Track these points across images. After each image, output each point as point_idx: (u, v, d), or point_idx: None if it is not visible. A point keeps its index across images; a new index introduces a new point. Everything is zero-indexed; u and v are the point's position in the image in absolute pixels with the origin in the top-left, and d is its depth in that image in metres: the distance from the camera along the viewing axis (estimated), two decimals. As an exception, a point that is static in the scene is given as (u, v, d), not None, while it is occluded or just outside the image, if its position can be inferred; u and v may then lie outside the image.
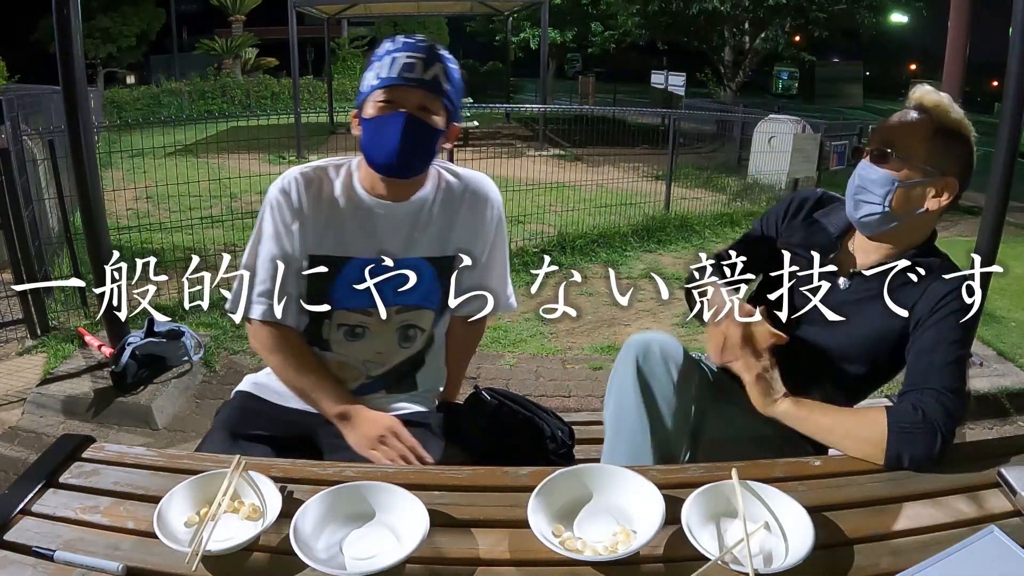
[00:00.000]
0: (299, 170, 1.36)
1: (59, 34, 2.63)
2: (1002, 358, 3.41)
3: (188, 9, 27.12)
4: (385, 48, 1.29)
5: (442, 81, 1.28)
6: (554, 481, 1.01)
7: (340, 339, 1.39)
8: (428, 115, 1.27)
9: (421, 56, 1.26)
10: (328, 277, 1.34)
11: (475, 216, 1.41)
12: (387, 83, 1.25)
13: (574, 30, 18.79)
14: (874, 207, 1.27)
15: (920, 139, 1.25)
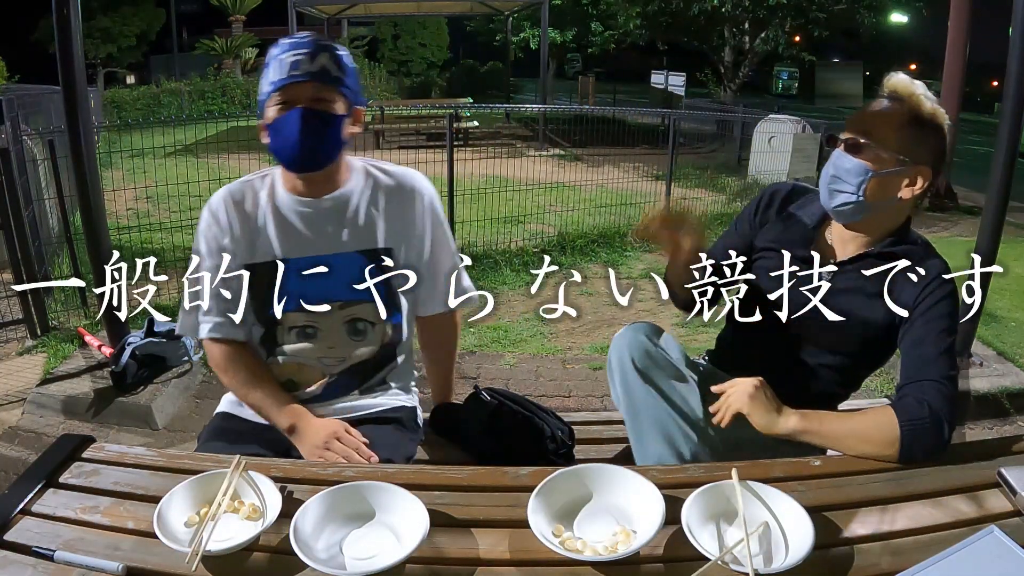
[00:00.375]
0: (226, 189, 1.41)
1: (59, 34, 2.63)
2: (1002, 358, 3.41)
3: (188, 9, 27.13)
4: (272, 53, 1.32)
5: (331, 69, 1.30)
6: (554, 481, 1.01)
7: (294, 341, 1.41)
8: (324, 104, 1.30)
9: (305, 51, 1.28)
10: (268, 283, 1.36)
11: (404, 209, 1.42)
12: (278, 85, 1.28)
13: (574, 30, 18.79)
14: (848, 196, 1.28)
15: (894, 128, 1.27)
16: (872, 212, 1.30)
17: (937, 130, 1.28)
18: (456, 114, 7.43)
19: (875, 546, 0.92)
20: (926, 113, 1.27)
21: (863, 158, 1.27)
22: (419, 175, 1.47)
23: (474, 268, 4.92)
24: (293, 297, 1.36)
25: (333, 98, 1.31)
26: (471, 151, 8.60)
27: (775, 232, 1.44)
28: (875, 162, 1.27)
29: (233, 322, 1.37)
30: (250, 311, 1.38)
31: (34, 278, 3.62)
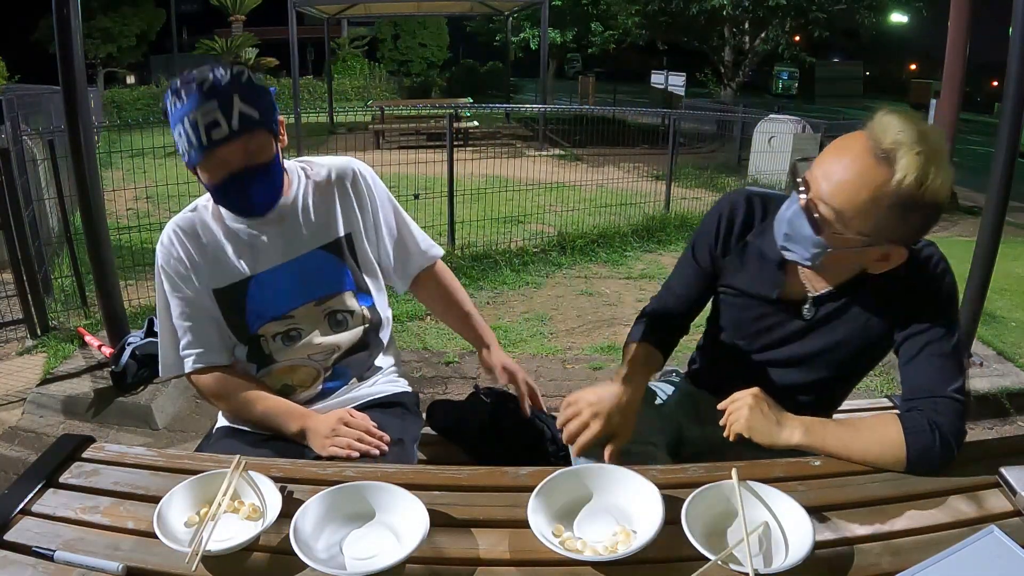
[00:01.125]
0: (174, 223, 1.39)
1: (59, 34, 2.63)
2: (1002, 358, 3.41)
3: (188, 9, 27.14)
4: (177, 109, 1.21)
5: (249, 112, 1.22)
6: (554, 481, 1.01)
7: (280, 347, 1.41)
8: (258, 155, 1.25)
9: (215, 103, 1.19)
10: (239, 302, 1.37)
11: (349, 194, 1.43)
12: (203, 153, 1.21)
13: (574, 30, 18.78)
14: (800, 259, 1.12)
15: (870, 211, 1.00)
16: (831, 271, 1.16)
17: (929, 208, 1.00)
18: (456, 114, 7.44)
19: (875, 546, 0.92)
20: (919, 192, 0.98)
21: (825, 234, 1.05)
22: (350, 159, 1.47)
23: (474, 268, 4.93)
24: (269, 308, 1.38)
25: (264, 142, 1.26)
26: (471, 151, 8.61)
27: (738, 271, 1.28)
28: (836, 241, 1.05)
29: (214, 349, 1.39)
30: (229, 333, 1.40)
31: (34, 278, 3.62)
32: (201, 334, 1.38)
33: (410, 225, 1.54)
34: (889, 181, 0.98)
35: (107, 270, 3.02)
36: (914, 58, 34.36)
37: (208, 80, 1.20)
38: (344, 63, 21.86)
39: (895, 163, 0.97)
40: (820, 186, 1.04)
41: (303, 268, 1.38)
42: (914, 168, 0.97)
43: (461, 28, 24.02)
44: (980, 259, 3.07)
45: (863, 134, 1.02)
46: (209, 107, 1.19)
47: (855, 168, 1.01)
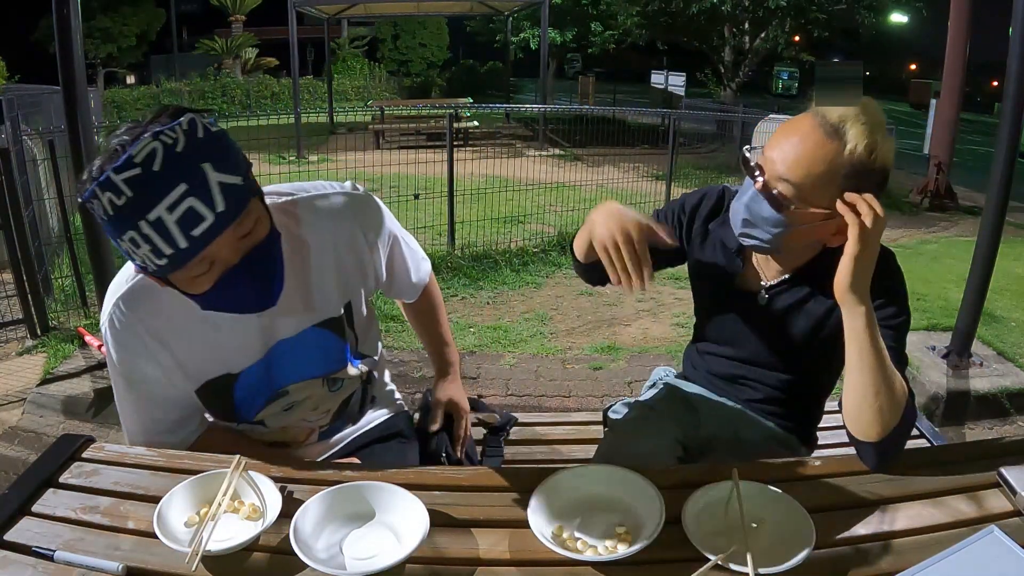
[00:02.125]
0: (119, 299, 1.06)
1: (59, 34, 2.63)
2: (1002, 358, 3.41)
3: (188, 9, 27.15)
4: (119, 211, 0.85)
5: (231, 180, 0.89)
6: (554, 481, 1.01)
7: (276, 417, 1.22)
8: (256, 234, 0.95)
9: (183, 191, 0.85)
10: (225, 397, 1.16)
11: (352, 255, 1.17)
12: (187, 258, 0.88)
13: (574, 30, 18.79)
14: (761, 244, 1.13)
15: (828, 183, 1.04)
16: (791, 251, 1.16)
17: (879, 174, 1.06)
18: (456, 114, 7.44)
19: (875, 546, 0.92)
20: (870, 160, 1.04)
21: (785, 212, 1.08)
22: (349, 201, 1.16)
23: (474, 268, 4.93)
24: (260, 395, 1.17)
25: (256, 211, 0.95)
26: (471, 151, 8.61)
27: (701, 257, 1.31)
28: (797, 218, 1.08)
29: (189, 427, 1.18)
30: (218, 418, 1.21)
31: (34, 278, 3.62)
32: (173, 423, 1.16)
33: (407, 257, 1.32)
34: (842, 152, 1.03)
35: (107, 270, 3.02)
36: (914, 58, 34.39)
37: (157, 156, 0.85)
38: (344, 63, 21.87)
39: (844, 135, 1.03)
40: (776, 167, 1.07)
41: (300, 347, 1.15)
42: (863, 137, 1.03)
43: (461, 28, 24.05)
44: (980, 259, 3.07)
45: (809, 114, 1.07)
46: (176, 195, 0.85)
47: (808, 144, 1.05)
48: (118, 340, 1.08)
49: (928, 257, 5.72)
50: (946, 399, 3.07)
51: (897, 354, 1.08)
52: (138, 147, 0.85)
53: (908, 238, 6.73)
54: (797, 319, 1.22)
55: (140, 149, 0.85)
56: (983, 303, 3.19)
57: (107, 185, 0.85)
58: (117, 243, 0.90)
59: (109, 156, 0.86)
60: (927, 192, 8.14)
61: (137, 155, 0.84)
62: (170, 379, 1.11)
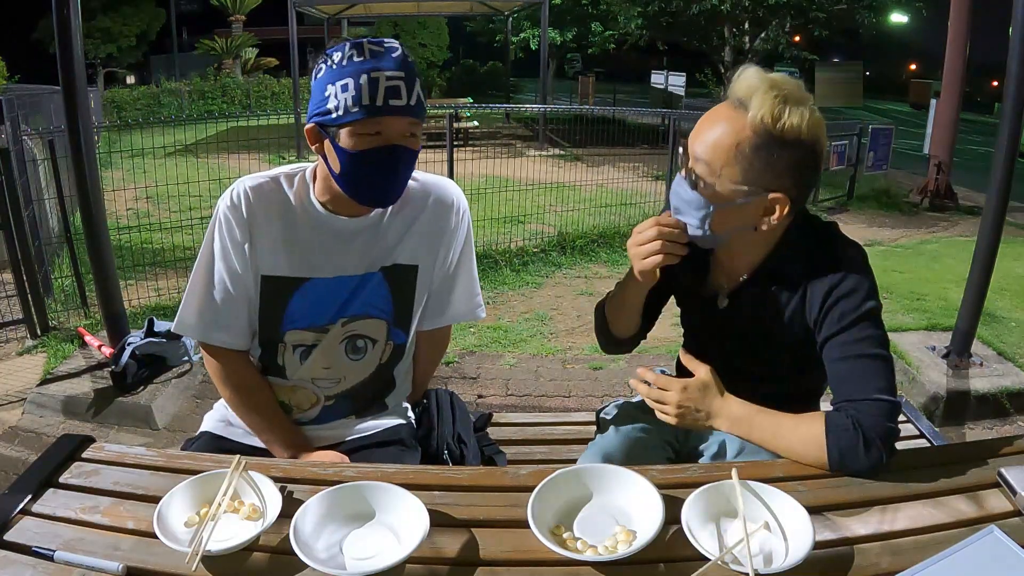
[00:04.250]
0: (248, 180, 1.26)
1: (59, 34, 2.63)
2: (1002, 358, 3.41)
3: (188, 9, 27.18)
4: (354, 63, 1.12)
5: (423, 99, 1.17)
6: (554, 481, 1.01)
7: (295, 362, 1.32)
8: (414, 140, 1.18)
9: (401, 76, 1.13)
10: (283, 299, 1.27)
11: (438, 224, 1.33)
12: (373, 113, 1.12)
13: (574, 30, 18.78)
14: (694, 229, 1.12)
15: (733, 155, 1.05)
16: (732, 240, 1.15)
17: (795, 147, 1.04)
18: (456, 114, 7.44)
19: (875, 546, 0.92)
20: (776, 129, 1.03)
21: (701, 191, 1.08)
22: (452, 186, 1.36)
23: (474, 268, 4.93)
24: (305, 316, 1.28)
25: (419, 131, 1.20)
26: (471, 151, 8.62)
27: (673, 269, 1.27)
28: (714, 196, 1.08)
29: (239, 333, 1.29)
30: (256, 326, 1.30)
31: (34, 278, 3.62)
32: (232, 314, 1.27)
33: (473, 272, 1.42)
34: (744, 124, 1.04)
35: (107, 270, 3.02)
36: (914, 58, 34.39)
37: (398, 51, 1.15)
38: (344, 63, 21.81)
39: (749, 107, 1.04)
40: (694, 148, 1.09)
41: (358, 286, 1.28)
42: (767, 107, 1.02)
43: (461, 28, 24.04)
44: (980, 259, 3.07)
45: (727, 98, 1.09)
46: (396, 74, 1.12)
47: (718, 122, 1.07)
48: (224, 216, 1.25)
49: (928, 257, 5.72)
50: (946, 399, 3.07)
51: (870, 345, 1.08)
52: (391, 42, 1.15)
53: (908, 238, 6.73)
54: (761, 321, 1.20)
55: (392, 43, 1.15)
56: (983, 303, 3.19)
57: (356, 46, 1.13)
58: (324, 88, 1.13)
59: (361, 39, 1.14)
60: (927, 192, 8.14)
61: (387, 44, 1.14)
62: (246, 272, 1.26)
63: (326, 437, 1.37)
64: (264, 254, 1.26)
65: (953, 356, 3.30)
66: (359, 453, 1.35)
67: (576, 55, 25.98)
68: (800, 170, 1.06)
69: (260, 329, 1.31)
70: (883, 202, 8.05)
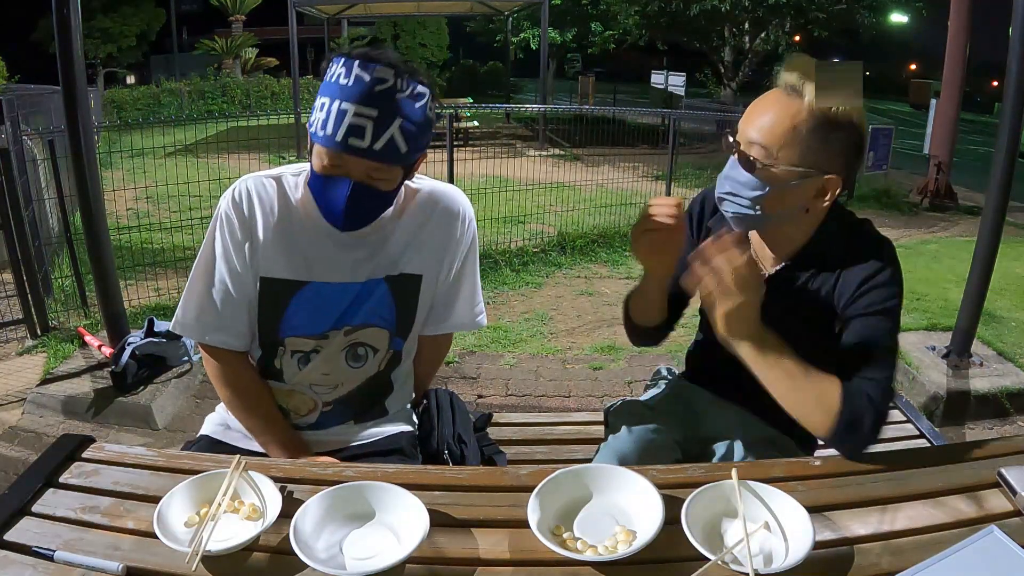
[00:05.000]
0: (251, 179, 1.25)
1: (59, 34, 2.63)
2: (1002, 358, 3.41)
3: (188, 9, 27.19)
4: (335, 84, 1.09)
5: (400, 144, 1.11)
6: (554, 481, 1.01)
7: (293, 366, 1.30)
8: (380, 183, 1.15)
9: (372, 115, 1.08)
10: (282, 302, 1.25)
11: (444, 234, 1.31)
12: (332, 146, 1.10)
13: (574, 30, 18.80)
14: (743, 209, 1.15)
15: (792, 138, 1.09)
16: (776, 223, 1.18)
17: (847, 129, 1.10)
18: (456, 114, 7.43)
19: (875, 546, 0.92)
20: (833, 116, 1.08)
21: (758, 173, 1.11)
22: (460, 195, 1.34)
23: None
24: (304, 322, 1.27)
25: (394, 175, 1.16)
26: (471, 151, 8.62)
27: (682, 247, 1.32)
28: (771, 178, 1.11)
29: (237, 334, 1.28)
30: (255, 328, 1.29)
31: (34, 278, 3.62)
32: (230, 315, 1.26)
33: (476, 280, 1.40)
34: (803, 109, 1.08)
35: (107, 270, 3.02)
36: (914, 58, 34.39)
37: (385, 83, 1.08)
38: (344, 63, 21.83)
39: (804, 92, 1.08)
40: (748, 133, 1.13)
41: (360, 293, 1.26)
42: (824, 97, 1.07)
43: (461, 28, 24.06)
44: (980, 259, 3.07)
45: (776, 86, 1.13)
46: (367, 112, 1.08)
47: (772, 107, 1.11)
48: (226, 215, 1.23)
49: (928, 257, 5.72)
50: (946, 399, 3.07)
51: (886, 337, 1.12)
52: (383, 68, 1.09)
53: (908, 238, 6.73)
54: (797, 306, 1.21)
55: (384, 69, 1.09)
56: (983, 303, 3.19)
57: (347, 64, 1.10)
58: (318, 96, 1.12)
59: (370, 54, 1.10)
60: (927, 192, 8.14)
61: (378, 72, 1.08)
62: (246, 273, 1.24)
63: (327, 443, 1.36)
64: (264, 255, 1.24)
65: (953, 356, 3.30)
66: (359, 461, 1.33)
67: (576, 55, 25.95)
68: (851, 151, 1.11)
69: (260, 331, 1.30)
70: (883, 202, 8.05)
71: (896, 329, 1.14)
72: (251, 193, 1.24)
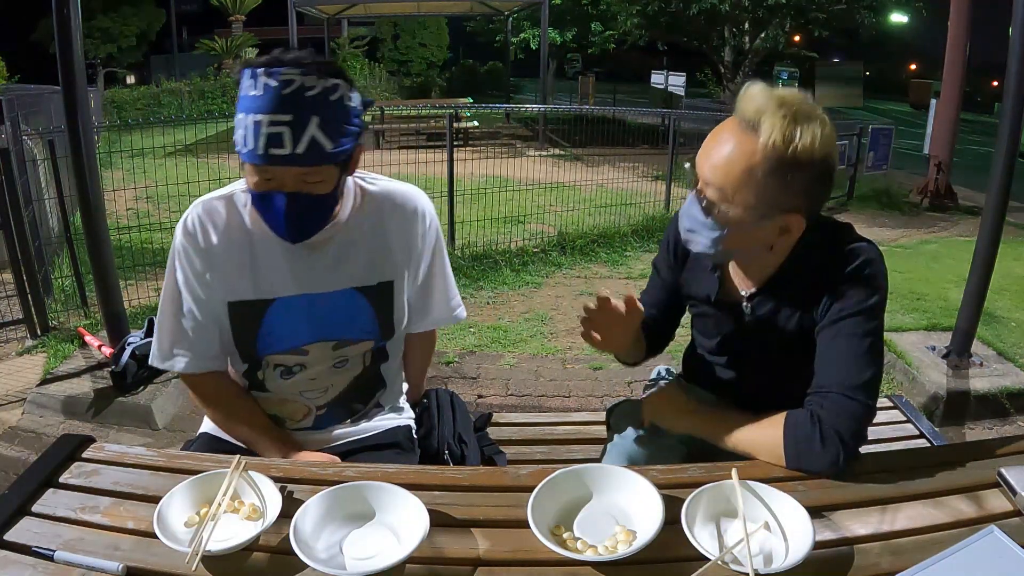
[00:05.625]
0: (201, 205, 1.22)
1: (59, 34, 2.63)
2: (1002, 358, 3.41)
3: (188, 9, 27.18)
4: (246, 98, 1.06)
5: (323, 142, 1.07)
6: (554, 481, 1.01)
7: (276, 378, 1.30)
8: (315, 187, 1.11)
9: (287, 120, 1.04)
10: (254, 322, 1.24)
11: (406, 235, 1.29)
12: (256, 161, 1.06)
13: (574, 30, 18.78)
14: (705, 249, 1.12)
15: (748, 182, 1.02)
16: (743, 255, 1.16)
17: (808, 167, 1.01)
18: (456, 114, 7.44)
19: (875, 546, 0.92)
20: (790, 153, 0.99)
21: (715, 215, 1.07)
22: (419, 193, 1.32)
23: (474, 268, 4.93)
24: (284, 338, 1.26)
25: (327, 175, 1.11)
26: (471, 151, 8.61)
27: (687, 278, 1.32)
28: (728, 221, 1.06)
29: (211, 355, 1.28)
30: (233, 348, 1.28)
31: (34, 278, 3.62)
32: (202, 339, 1.26)
33: (447, 273, 1.40)
34: (758, 148, 1.01)
35: (107, 270, 3.02)
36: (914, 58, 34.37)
37: (292, 84, 1.04)
38: (344, 63, 21.85)
39: (759, 129, 1.01)
40: (703, 171, 1.07)
41: (332, 304, 1.25)
42: (778, 129, 0.99)
43: (461, 28, 24.04)
44: (980, 259, 3.07)
45: (733, 115, 1.05)
46: (281, 118, 1.04)
47: (727, 145, 1.04)
48: (182, 247, 1.22)
49: (928, 257, 5.72)
50: (946, 399, 3.07)
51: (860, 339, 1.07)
52: (288, 70, 1.04)
53: (908, 238, 6.72)
54: (780, 324, 1.20)
55: (288, 71, 1.04)
56: (983, 303, 3.19)
57: (254, 76, 1.06)
58: (237, 115, 1.08)
59: (274, 59, 1.07)
60: (927, 192, 8.13)
61: (283, 75, 1.04)
62: (211, 300, 1.23)
63: (324, 440, 1.37)
64: (226, 280, 1.23)
65: (953, 356, 3.30)
66: (355, 456, 1.34)
67: (576, 55, 25.94)
68: (814, 187, 1.05)
69: (238, 351, 1.29)
70: (883, 202, 8.05)
71: (875, 327, 1.09)
72: (203, 220, 1.21)
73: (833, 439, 1.03)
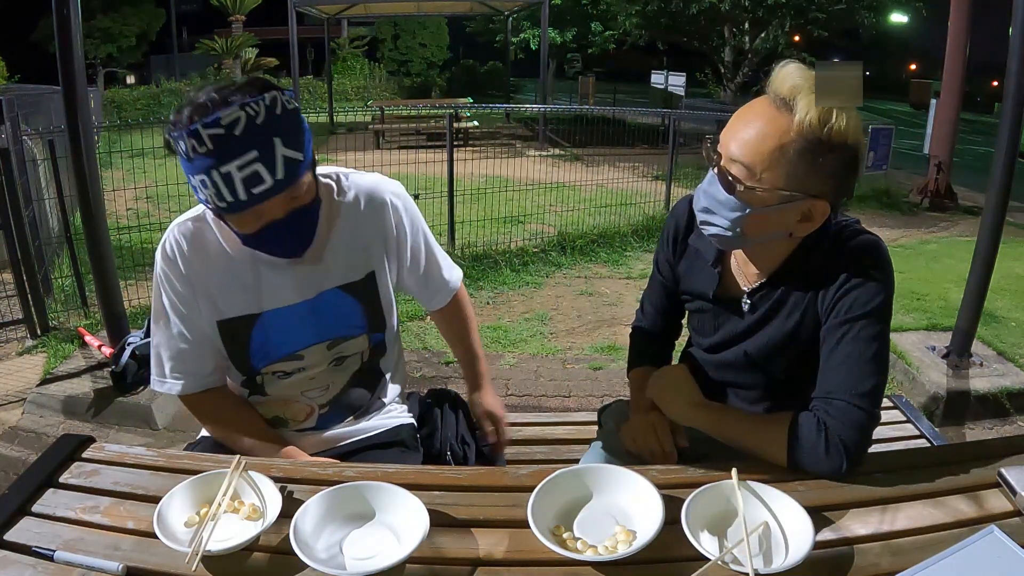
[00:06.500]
0: (177, 228, 1.22)
1: (59, 34, 2.63)
2: (1002, 358, 3.41)
3: (188, 9, 27.19)
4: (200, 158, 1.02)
5: (294, 156, 1.06)
6: (554, 481, 1.01)
7: (275, 382, 1.31)
8: (302, 199, 1.11)
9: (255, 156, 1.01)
10: (244, 338, 1.25)
11: (377, 228, 1.29)
12: (239, 208, 1.05)
13: (574, 30, 18.80)
14: (721, 231, 1.08)
15: (779, 160, 0.99)
16: (757, 243, 1.11)
17: (840, 151, 0.99)
18: (456, 114, 7.44)
19: (875, 546, 0.92)
20: (824, 133, 0.97)
21: (738, 193, 1.03)
22: (385, 181, 1.32)
23: (474, 268, 4.93)
24: (278, 347, 1.27)
25: (307, 182, 1.12)
26: (471, 151, 8.62)
27: (685, 274, 1.30)
28: (752, 199, 1.02)
29: (207, 373, 1.29)
30: (228, 363, 1.29)
31: (34, 278, 3.62)
32: (195, 359, 1.26)
33: (436, 254, 1.42)
34: (791, 126, 0.98)
35: (107, 270, 3.02)
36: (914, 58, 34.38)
37: (240, 123, 1.01)
38: (344, 63, 21.88)
39: (795, 108, 0.98)
40: (729, 148, 1.04)
41: (318, 307, 1.26)
42: (815, 109, 0.97)
43: (461, 28, 24.04)
44: (980, 259, 3.07)
45: (764, 94, 1.03)
46: (247, 159, 1.02)
47: (758, 121, 1.01)
48: (164, 273, 1.22)
49: (928, 257, 5.72)
50: (946, 399, 3.07)
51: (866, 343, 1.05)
52: (227, 112, 1.00)
53: (908, 238, 6.72)
54: (780, 321, 1.18)
55: (228, 114, 1.00)
56: (983, 303, 3.19)
57: (194, 135, 1.01)
58: (190, 179, 1.05)
59: (199, 108, 1.03)
60: (927, 192, 8.14)
61: (224, 118, 1.00)
62: (198, 319, 1.24)
63: (329, 440, 1.37)
64: (211, 302, 1.23)
65: (953, 356, 3.30)
66: (360, 455, 1.35)
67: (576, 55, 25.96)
68: (843, 174, 1.02)
69: (234, 365, 1.29)
70: (883, 202, 8.05)
71: (882, 330, 1.07)
72: (180, 244, 1.21)
73: (838, 447, 1.03)
